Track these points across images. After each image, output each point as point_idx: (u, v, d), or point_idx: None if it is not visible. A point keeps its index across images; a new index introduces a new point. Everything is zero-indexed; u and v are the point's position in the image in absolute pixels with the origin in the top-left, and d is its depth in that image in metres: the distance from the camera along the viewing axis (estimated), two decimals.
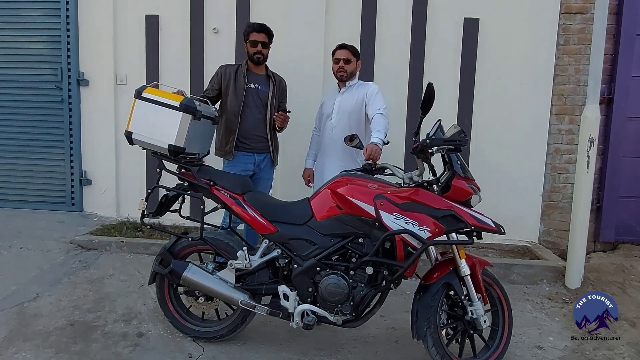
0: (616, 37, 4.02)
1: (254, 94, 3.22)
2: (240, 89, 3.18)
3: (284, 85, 3.42)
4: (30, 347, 2.55)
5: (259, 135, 3.25)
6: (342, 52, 3.20)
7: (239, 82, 3.20)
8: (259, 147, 3.26)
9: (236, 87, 3.19)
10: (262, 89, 3.25)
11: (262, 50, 3.19)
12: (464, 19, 4.15)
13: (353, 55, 3.19)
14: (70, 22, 4.48)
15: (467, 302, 2.36)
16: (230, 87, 3.19)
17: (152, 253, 3.73)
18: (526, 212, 4.22)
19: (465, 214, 2.25)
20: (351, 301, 2.35)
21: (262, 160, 3.30)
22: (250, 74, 3.25)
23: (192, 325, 2.68)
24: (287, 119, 3.24)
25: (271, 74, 3.33)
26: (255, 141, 3.24)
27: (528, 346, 2.76)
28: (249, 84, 3.22)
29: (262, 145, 3.28)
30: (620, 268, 3.66)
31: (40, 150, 4.67)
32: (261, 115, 3.25)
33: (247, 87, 3.20)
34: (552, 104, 4.15)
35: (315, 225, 2.44)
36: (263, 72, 3.31)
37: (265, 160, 3.32)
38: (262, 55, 3.20)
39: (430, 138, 2.26)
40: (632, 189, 4.12)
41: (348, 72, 3.19)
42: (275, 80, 3.32)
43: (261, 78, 3.29)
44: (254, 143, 3.24)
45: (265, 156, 3.31)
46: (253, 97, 3.22)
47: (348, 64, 3.18)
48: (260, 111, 3.25)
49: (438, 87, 2.33)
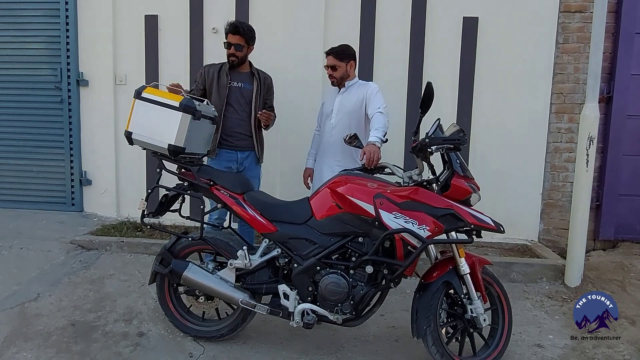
0: (615, 35, 4.03)
1: (237, 92, 3.22)
2: (223, 87, 3.18)
3: (269, 83, 3.40)
4: (31, 347, 2.56)
5: (242, 133, 3.24)
6: (328, 59, 3.19)
7: (222, 80, 3.20)
8: (242, 144, 3.26)
9: (219, 85, 3.19)
10: (246, 87, 3.25)
11: (236, 53, 3.17)
12: (463, 18, 4.15)
13: (340, 60, 3.15)
14: (69, 22, 4.48)
15: (467, 300, 2.37)
16: (214, 86, 3.19)
17: (153, 253, 3.74)
18: (526, 210, 4.22)
19: (465, 213, 2.25)
20: (351, 300, 2.35)
21: (245, 157, 3.30)
22: (233, 72, 3.24)
23: (192, 324, 2.68)
24: (272, 116, 3.25)
25: (255, 72, 3.31)
26: (238, 139, 3.23)
27: (528, 344, 2.77)
28: (232, 82, 3.21)
29: (245, 143, 3.27)
30: (620, 266, 3.67)
31: (40, 151, 4.67)
32: (245, 113, 3.24)
33: (229, 86, 3.20)
34: (552, 103, 4.15)
35: (315, 224, 2.44)
36: (247, 70, 3.30)
37: (249, 158, 3.32)
38: (236, 58, 3.19)
39: (430, 137, 2.27)
40: (631, 187, 4.13)
41: (337, 78, 3.19)
42: (260, 77, 3.31)
43: (244, 76, 3.28)
44: (237, 141, 3.23)
45: (249, 154, 3.31)
46: (236, 95, 3.22)
47: (335, 70, 3.17)
48: (244, 109, 3.24)
49: (437, 86, 2.33)
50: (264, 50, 4.28)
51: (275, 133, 4.27)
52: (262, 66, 3.42)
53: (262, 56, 4.32)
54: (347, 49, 3.22)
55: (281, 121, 4.25)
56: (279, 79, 4.22)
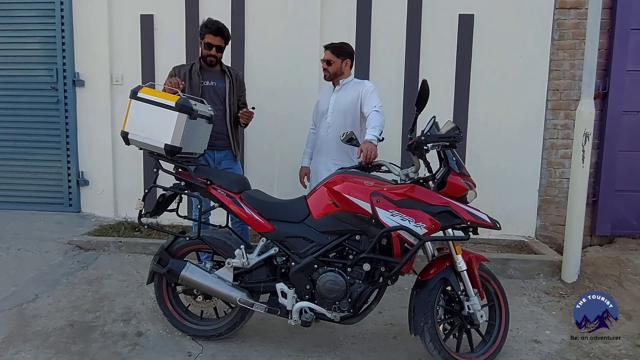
0: (610, 31, 4.04)
1: (210, 91, 3.22)
2: (196, 87, 3.17)
3: (240, 79, 3.41)
4: (29, 347, 2.56)
5: (218, 132, 3.21)
6: (325, 53, 3.20)
7: (194, 81, 3.18)
8: (218, 143, 3.26)
9: (191, 86, 3.17)
10: (219, 85, 3.25)
11: (217, 54, 3.18)
12: (459, 15, 4.16)
13: (336, 56, 3.16)
14: (65, 22, 4.47)
15: (464, 297, 2.38)
16: (186, 87, 3.16)
17: (150, 253, 3.74)
18: (523, 207, 4.24)
19: (461, 210, 2.26)
20: (349, 298, 2.36)
21: (222, 157, 3.31)
22: (204, 72, 3.23)
23: (190, 323, 2.69)
24: (252, 115, 3.25)
25: (226, 69, 3.31)
26: (214, 138, 3.18)
27: (525, 340, 2.78)
28: (204, 81, 3.20)
29: (222, 142, 3.28)
30: (617, 261, 3.68)
31: (37, 152, 4.66)
32: (220, 111, 3.23)
33: (202, 85, 3.18)
34: (548, 99, 4.17)
35: (312, 223, 2.45)
36: (217, 68, 3.29)
37: (226, 156, 3.33)
38: (215, 58, 3.19)
39: (425, 135, 2.27)
40: (627, 183, 4.15)
41: (331, 72, 3.20)
42: (232, 74, 3.30)
43: (216, 74, 3.27)
44: (214, 140, 3.18)
45: (226, 152, 3.32)
46: (210, 94, 3.21)
47: (330, 65, 3.18)
48: (219, 107, 3.23)
49: (433, 84, 2.33)
50: (259, 49, 4.30)
51: (272, 132, 4.29)
52: (258, 65, 3.43)
53: (258, 56, 4.34)
54: (346, 46, 3.23)
55: (278, 120, 4.27)
56: (275, 78, 4.24)
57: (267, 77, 4.27)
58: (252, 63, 3.57)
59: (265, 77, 4.27)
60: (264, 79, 4.27)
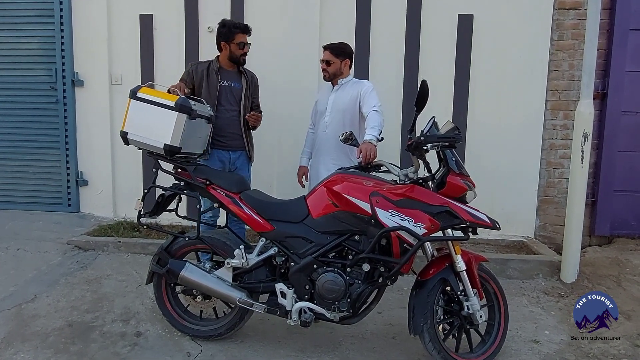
0: (609, 32, 4.04)
1: (227, 92, 3.20)
2: (214, 87, 3.16)
3: (255, 81, 3.41)
4: (28, 348, 2.56)
5: (233, 133, 3.23)
6: (324, 54, 3.21)
7: (212, 79, 3.17)
8: (234, 144, 3.25)
9: (209, 85, 3.16)
10: (235, 86, 3.24)
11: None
12: (458, 16, 4.16)
13: (335, 56, 3.17)
14: (64, 22, 4.46)
15: (463, 297, 2.38)
16: (203, 86, 3.15)
17: (150, 253, 3.74)
18: (522, 207, 4.24)
19: (461, 210, 2.26)
20: (348, 298, 2.36)
21: (237, 157, 3.29)
22: (222, 72, 3.22)
23: (190, 324, 2.68)
24: (260, 118, 3.26)
25: (243, 70, 3.30)
26: (230, 138, 3.22)
27: (524, 340, 2.78)
28: (222, 81, 3.19)
29: (237, 142, 3.27)
30: (616, 262, 3.68)
31: (36, 152, 4.66)
32: (235, 112, 3.23)
33: (220, 85, 3.17)
34: (547, 100, 4.17)
35: (311, 223, 2.45)
36: (235, 69, 3.28)
37: (240, 157, 3.31)
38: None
39: (425, 135, 2.27)
40: (626, 183, 4.15)
41: (330, 73, 3.20)
42: (248, 76, 3.30)
43: (233, 75, 3.26)
44: (229, 140, 3.22)
45: (240, 153, 3.31)
46: (226, 94, 3.20)
47: (329, 65, 3.19)
48: (235, 108, 3.23)
49: (433, 84, 2.33)
50: (259, 49, 4.29)
51: (271, 132, 4.28)
52: (257, 65, 3.43)
53: (257, 55, 4.32)
54: (345, 47, 3.24)
55: (277, 120, 4.26)
56: (275, 78, 4.24)
57: (266, 77, 4.25)
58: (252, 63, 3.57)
59: (264, 77, 4.25)
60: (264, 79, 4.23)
